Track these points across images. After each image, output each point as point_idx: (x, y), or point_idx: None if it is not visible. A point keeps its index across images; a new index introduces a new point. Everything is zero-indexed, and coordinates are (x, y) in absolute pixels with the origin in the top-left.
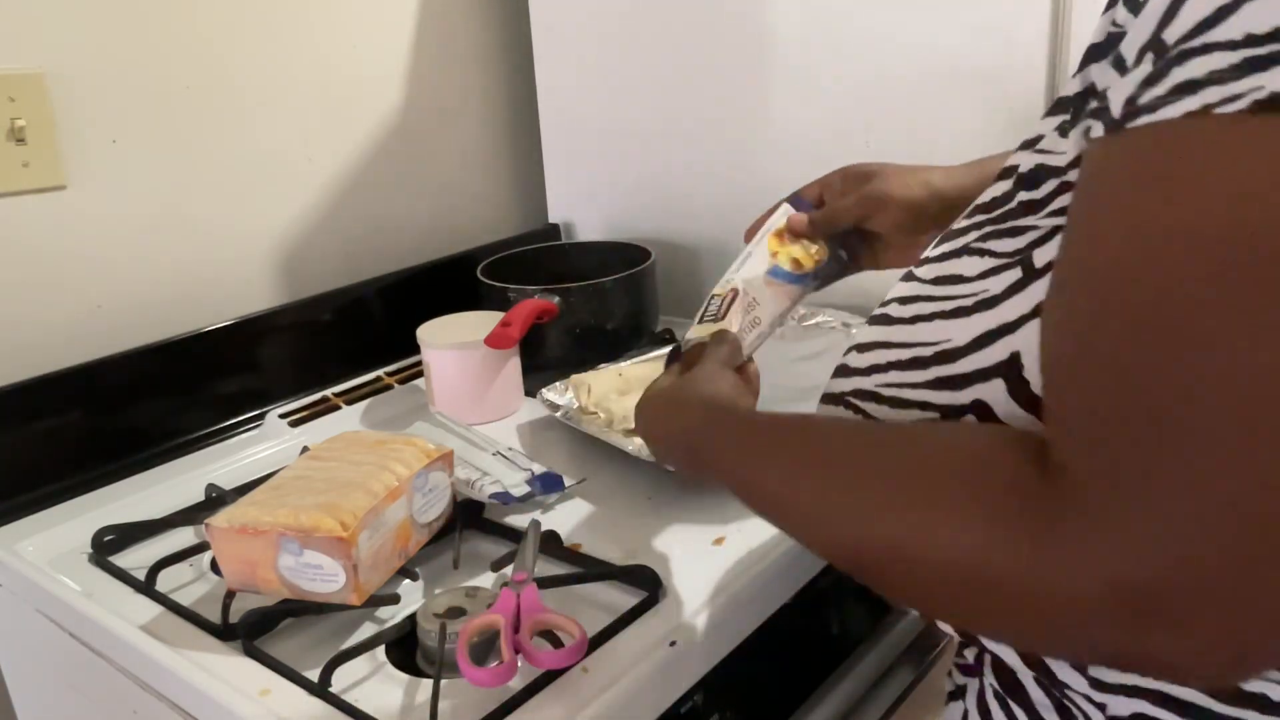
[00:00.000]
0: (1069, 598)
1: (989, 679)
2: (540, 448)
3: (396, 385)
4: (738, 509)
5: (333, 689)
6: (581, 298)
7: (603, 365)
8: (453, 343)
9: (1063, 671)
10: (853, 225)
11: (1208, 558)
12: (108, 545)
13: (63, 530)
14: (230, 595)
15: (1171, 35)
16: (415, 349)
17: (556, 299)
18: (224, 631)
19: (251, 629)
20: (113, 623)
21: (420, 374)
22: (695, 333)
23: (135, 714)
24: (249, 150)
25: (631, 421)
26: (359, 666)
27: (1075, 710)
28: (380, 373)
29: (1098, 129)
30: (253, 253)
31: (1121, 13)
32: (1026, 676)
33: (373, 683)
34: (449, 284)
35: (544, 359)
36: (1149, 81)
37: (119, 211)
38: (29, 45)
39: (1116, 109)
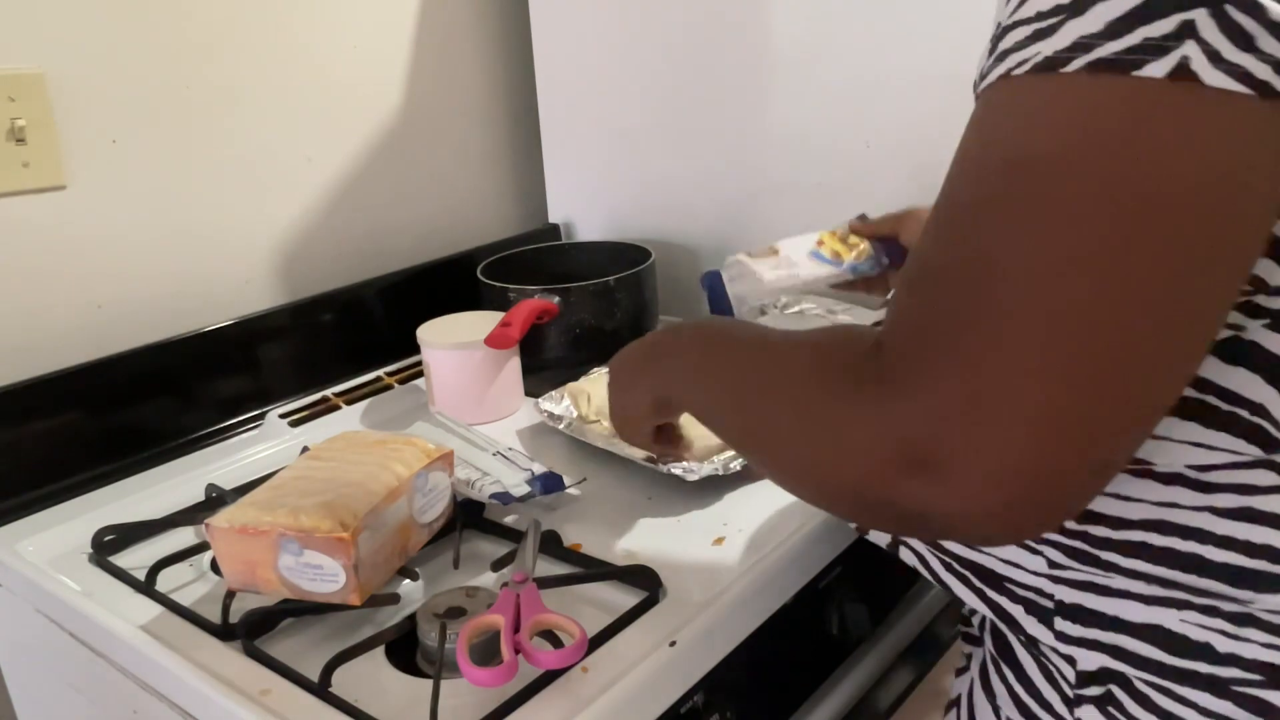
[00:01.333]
0: (864, 453)
1: (988, 644)
2: (541, 448)
3: (396, 385)
4: (738, 509)
5: (333, 689)
6: (581, 298)
7: (594, 370)
8: (453, 343)
9: (1030, 626)
10: (887, 234)
11: (965, 415)
12: (108, 545)
13: (63, 530)
14: (230, 595)
15: (1002, 17)
16: (415, 349)
17: (556, 299)
18: (224, 631)
19: (251, 629)
20: (113, 623)
21: (420, 374)
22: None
23: (135, 714)
24: (249, 150)
25: None
26: (359, 666)
27: (1053, 669)
28: (380, 373)
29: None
30: (253, 253)
31: (997, 10)
32: (1014, 640)
33: (373, 683)
34: (449, 284)
35: (544, 359)
36: (989, 55)
37: (119, 211)
38: (29, 45)
39: (977, 82)
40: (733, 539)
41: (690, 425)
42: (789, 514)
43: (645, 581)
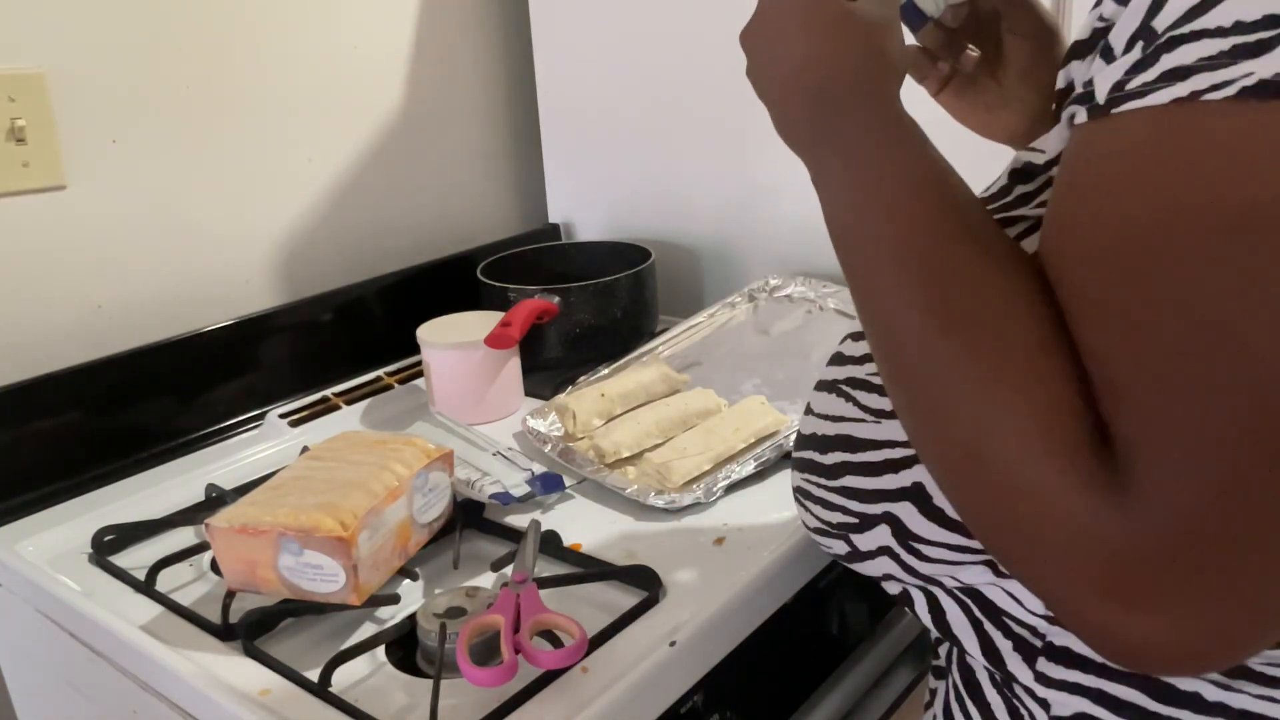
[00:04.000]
0: (1087, 557)
1: (955, 677)
2: (540, 448)
3: (396, 385)
4: (738, 509)
5: (333, 689)
6: (581, 298)
7: (581, 379)
8: (453, 343)
9: (1012, 663)
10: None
11: (1214, 558)
12: (108, 545)
13: (63, 530)
14: (230, 595)
15: (1161, 23)
16: (415, 349)
17: (556, 299)
18: (224, 631)
19: (251, 629)
20: (113, 623)
21: (420, 374)
22: None
23: (135, 714)
24: (249, 150)
25: (623, 451)
26: (359, 666)
27: (1024, 711)
28: (380, 373)
29: (1081, 115)
30: (253, 253)
31: (1109, 6)
32: (984, 676)
33: (373, 683)
34: (449, 284)
35: (544, 359)
36: (1137, 68)
37: (119, 211)
38: (29, 45)
39: (1102, 95)
40: (733, 539)
41: (672, 448)
42: (789, 514)
43: (645, 581)
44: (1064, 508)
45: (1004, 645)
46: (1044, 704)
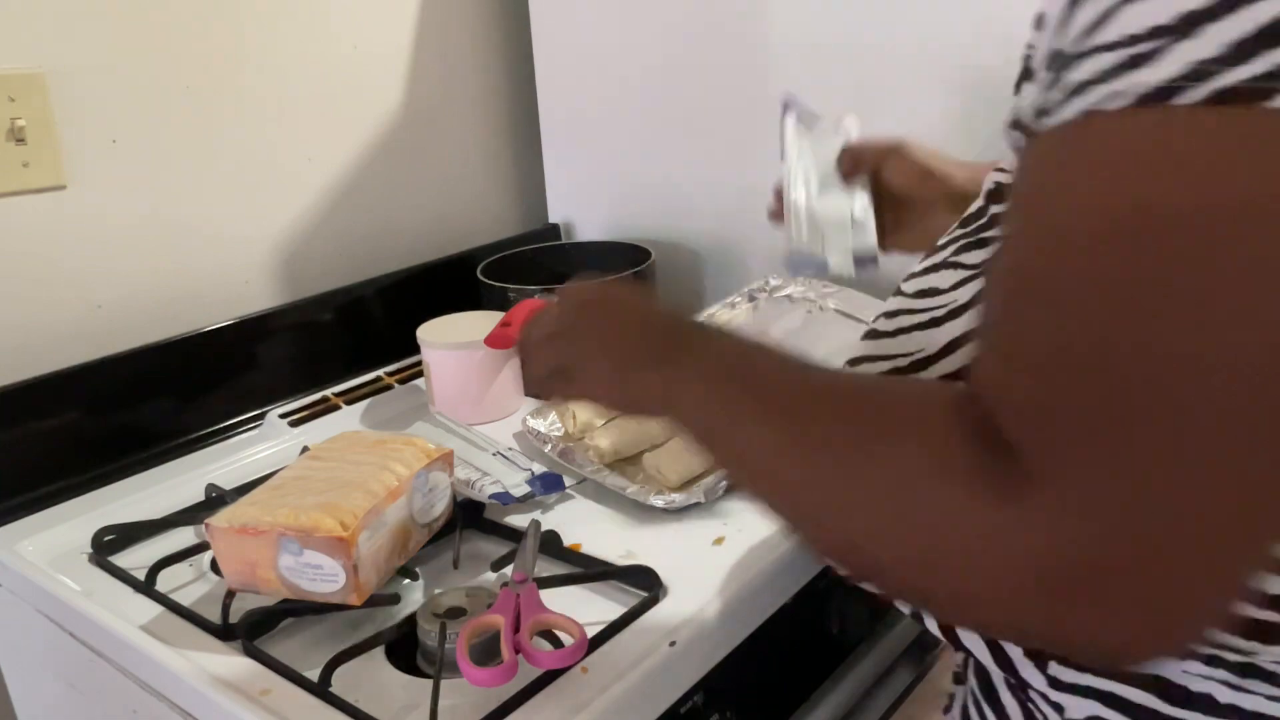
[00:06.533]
0: (1012, 570)
1: (972, 683)
2: (540, 448)
3: (396, 385)
4: (738, 509)
5: (333, 689)
6: None
7: None
8: (453, 343)
9: (1025, 670)
10: (873, 165)
11: (1130, 540)
12: (108, 545)
13: (63, 530)
14: (230, 595)
15: (1066, 43)
16: (415, 349)
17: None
18: (224, 631)
19: (251, 629)
20: (113, 623)
21: (420, 374)
22: None
23: (135, 714)
24: (249, 150)
25: (623, 451)
26: (359, 666)
27: (1039, 715)
28: (380, 373)
29: (1020, 140)
30: (253, 253)
31: (1031, 34)
32: (999, 681)
33: (373, 683)
34: (449, 284)
35: None
36: (1049, 87)
37: (119, 211)
38: (29, 45)
39: (1028, 117)
40: (733, 539)
41: (673, 448)
42: None
43: (645, 581)
44: (980, 530)
45: (1015, 652)
46: (1058, 708)
